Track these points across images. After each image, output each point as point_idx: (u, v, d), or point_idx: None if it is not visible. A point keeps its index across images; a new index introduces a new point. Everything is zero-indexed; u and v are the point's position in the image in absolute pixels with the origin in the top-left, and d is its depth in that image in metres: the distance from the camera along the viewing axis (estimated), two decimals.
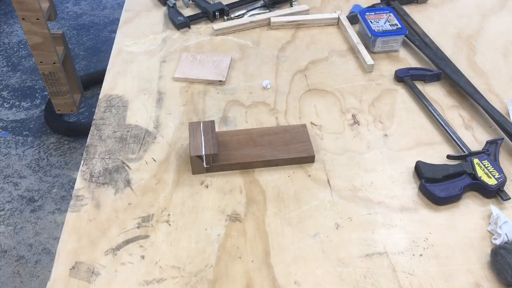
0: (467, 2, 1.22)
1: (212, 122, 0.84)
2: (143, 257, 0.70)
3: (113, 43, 1.11)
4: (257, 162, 0.81)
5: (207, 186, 0.79)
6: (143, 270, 0.68)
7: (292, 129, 0.86)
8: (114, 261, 0.69)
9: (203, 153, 0.78)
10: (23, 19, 0.85)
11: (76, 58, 2.64)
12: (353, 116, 0.91)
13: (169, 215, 0.75)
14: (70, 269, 0.68)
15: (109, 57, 1.08)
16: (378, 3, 1.20)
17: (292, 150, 0.83)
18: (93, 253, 0.70)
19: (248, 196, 0.77)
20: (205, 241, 0.71)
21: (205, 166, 0.80)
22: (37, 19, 0.85)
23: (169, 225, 0.74)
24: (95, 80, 2.33)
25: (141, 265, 0.69)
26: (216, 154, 0.80)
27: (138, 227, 0.73)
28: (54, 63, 0.92)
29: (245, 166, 0.82)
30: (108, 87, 0.99)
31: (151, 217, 0.75)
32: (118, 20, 1.21)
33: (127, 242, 0.71)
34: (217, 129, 0.87)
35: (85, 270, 0.68)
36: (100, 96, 0.97)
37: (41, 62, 0.92)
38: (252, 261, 0.69)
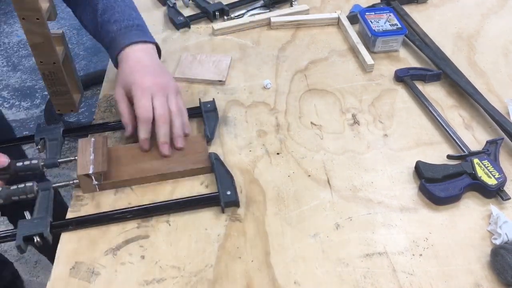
0: (467, 2, 1.22)
1: (105, 137, 0.81)
2: (143, 257, 0.70)
3: None
4: (151, 176, 0.78)
5: (207, 186, 0.79)
6: (143, 270, 0.68)
7: (189, 139, 0.83)
8: (114, 261, 0.69)
9: (91, 171, 0.75)
10: (23, 18, 0.85)
11: (76, 58, 2.64)
12: (353, 116, 0.91)
13: (169, 215, 0.75)
14: (70, 269, 0.68)
15: (109, 57, 1.08)
16: (378, 3, 1.20)
17: (188, 161, 0.80)
18: (93, 253, 0.70)
19: (248, 196, 0.77)
20: (205, 241, 0.71)
21: (93, 184, 0.76)
22: (37, 19, 0.85)
23: (169, 225, 0.74)
24: (95, 80, 2.33)
25: (141, 265, 0.69)
26: (105, 172, 0.76)
27: (138, 227, 0.73)
28: (54, 63, 0.92)
29: (140, 181, 0.79)
30: (108, 87, 0.99)
31: (151, 217, 0.75)
32: None
33: (127, 242, 0.71)
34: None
35: (85, 270, 0.68)
36: (100, 96, 0.97)
37: (41, 62, 0.92)
38: (252, 261, 0.69)
